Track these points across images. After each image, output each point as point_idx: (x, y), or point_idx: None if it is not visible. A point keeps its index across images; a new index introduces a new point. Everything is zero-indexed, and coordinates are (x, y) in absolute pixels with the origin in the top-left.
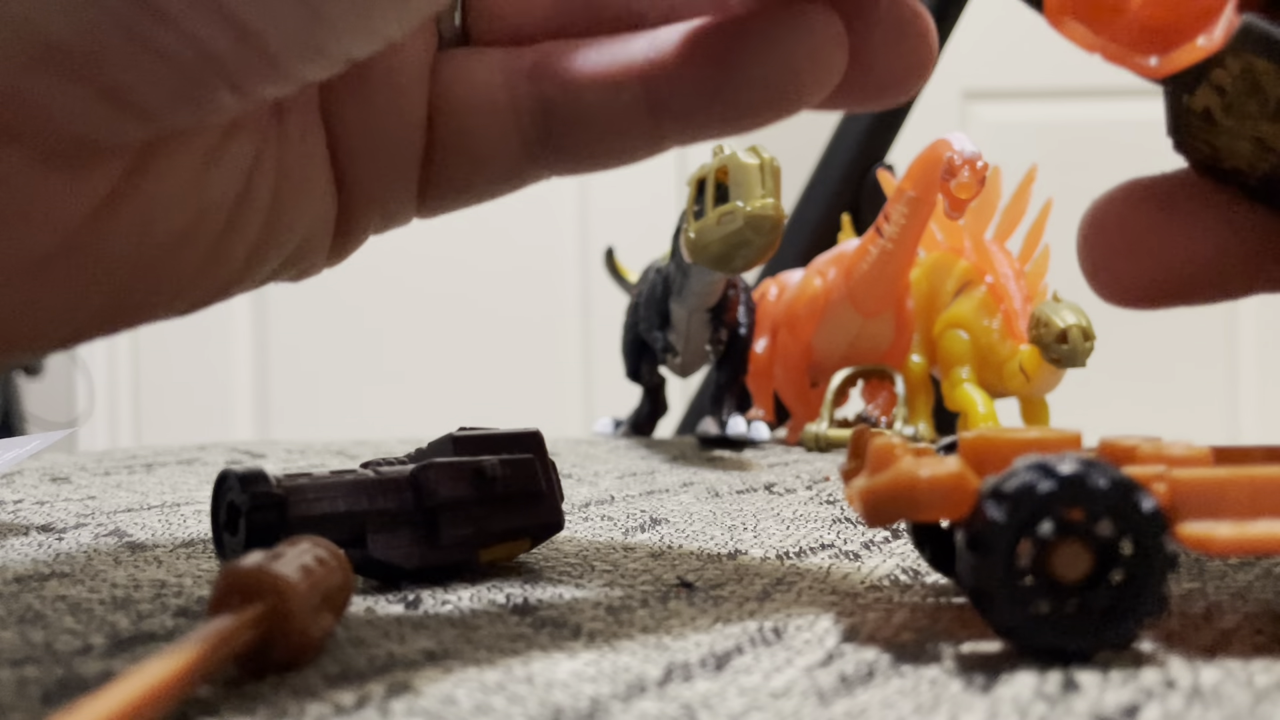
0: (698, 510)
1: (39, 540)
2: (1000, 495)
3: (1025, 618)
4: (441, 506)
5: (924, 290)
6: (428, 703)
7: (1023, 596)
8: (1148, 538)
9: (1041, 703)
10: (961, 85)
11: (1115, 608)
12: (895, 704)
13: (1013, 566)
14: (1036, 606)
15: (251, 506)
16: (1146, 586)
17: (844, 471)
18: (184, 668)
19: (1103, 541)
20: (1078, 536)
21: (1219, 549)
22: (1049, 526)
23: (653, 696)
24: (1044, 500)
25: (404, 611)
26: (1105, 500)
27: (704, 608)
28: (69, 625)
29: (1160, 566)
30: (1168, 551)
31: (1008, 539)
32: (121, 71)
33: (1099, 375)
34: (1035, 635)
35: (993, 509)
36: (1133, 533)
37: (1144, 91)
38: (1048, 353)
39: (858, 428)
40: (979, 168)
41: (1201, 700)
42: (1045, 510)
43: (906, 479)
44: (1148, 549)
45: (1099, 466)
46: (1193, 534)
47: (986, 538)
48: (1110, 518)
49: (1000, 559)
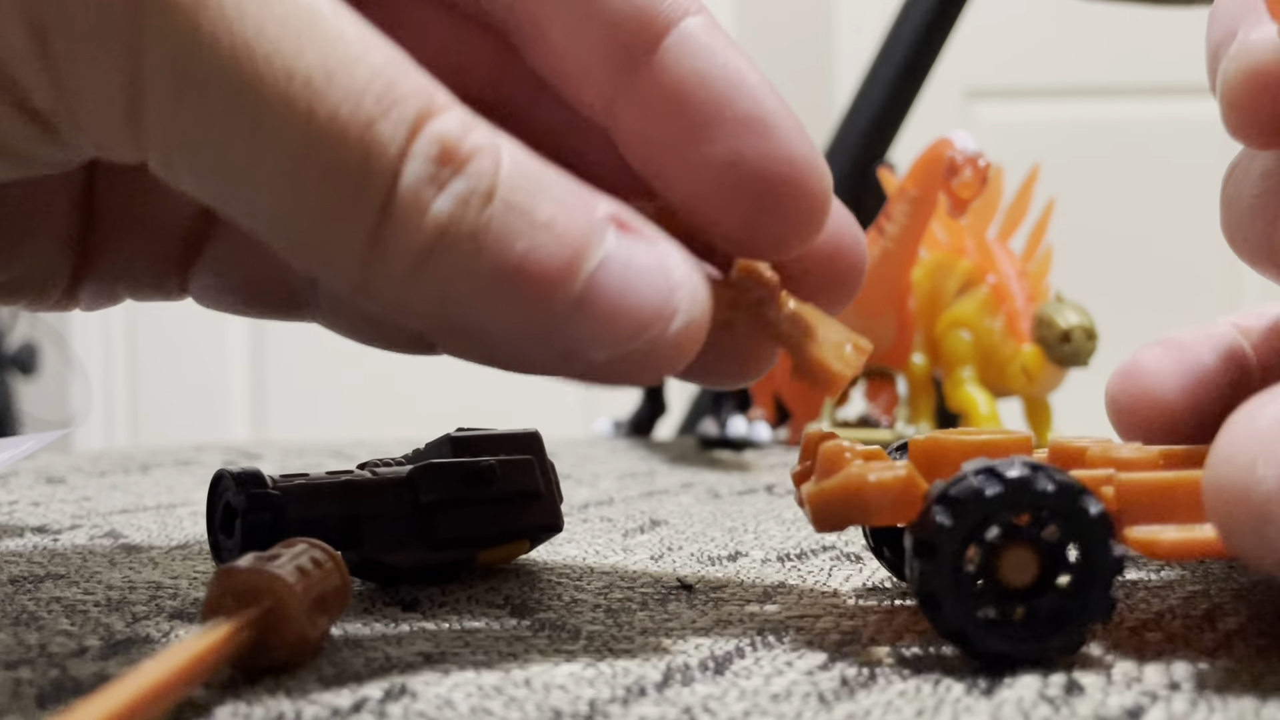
0: (698, 512)
1: (34, 541)
2: (947, 500)
3: (973, 623)
4: (439, 508)
5: (926, 290)
6: (425, 705)
7: (970, 601)
8: (1095, 542)
9: (1044, 705)
10: (964, 84)
11: (1063, 612)
12: (897, 707)
13: (960, 571)
14: (984, 611)
15: (247, 508)
16: (1093, 591)
17: (795, 474)
18: (179, 670)
19: (1050, 546)
20: (1025, 541)
21: (1164, 553)
22: (996, 531)
23: (652, 699)
24: (991, 504)
25: (401, 613)
26: (1052, 504)
27: (704, 610)
28: (64, 627)
29: (1107, 571)
30: (1115, 555)
31: (955, 544)
32: None
33: (1102, 375)
34: (983, 640)
35: (940, 513)
36: (1080, 537)
37: (1146, 91)
38: (1051, 353)
39: (808, 430)
40: (981, 166)
41: (1206, 703)
42: (992, 515)
43: (855, 483)
44: (1095, 553)
45: (1046, 470)
46: (1139, 538)
47: (933, 542)
48: (1057, 522)
49: (947, 564)
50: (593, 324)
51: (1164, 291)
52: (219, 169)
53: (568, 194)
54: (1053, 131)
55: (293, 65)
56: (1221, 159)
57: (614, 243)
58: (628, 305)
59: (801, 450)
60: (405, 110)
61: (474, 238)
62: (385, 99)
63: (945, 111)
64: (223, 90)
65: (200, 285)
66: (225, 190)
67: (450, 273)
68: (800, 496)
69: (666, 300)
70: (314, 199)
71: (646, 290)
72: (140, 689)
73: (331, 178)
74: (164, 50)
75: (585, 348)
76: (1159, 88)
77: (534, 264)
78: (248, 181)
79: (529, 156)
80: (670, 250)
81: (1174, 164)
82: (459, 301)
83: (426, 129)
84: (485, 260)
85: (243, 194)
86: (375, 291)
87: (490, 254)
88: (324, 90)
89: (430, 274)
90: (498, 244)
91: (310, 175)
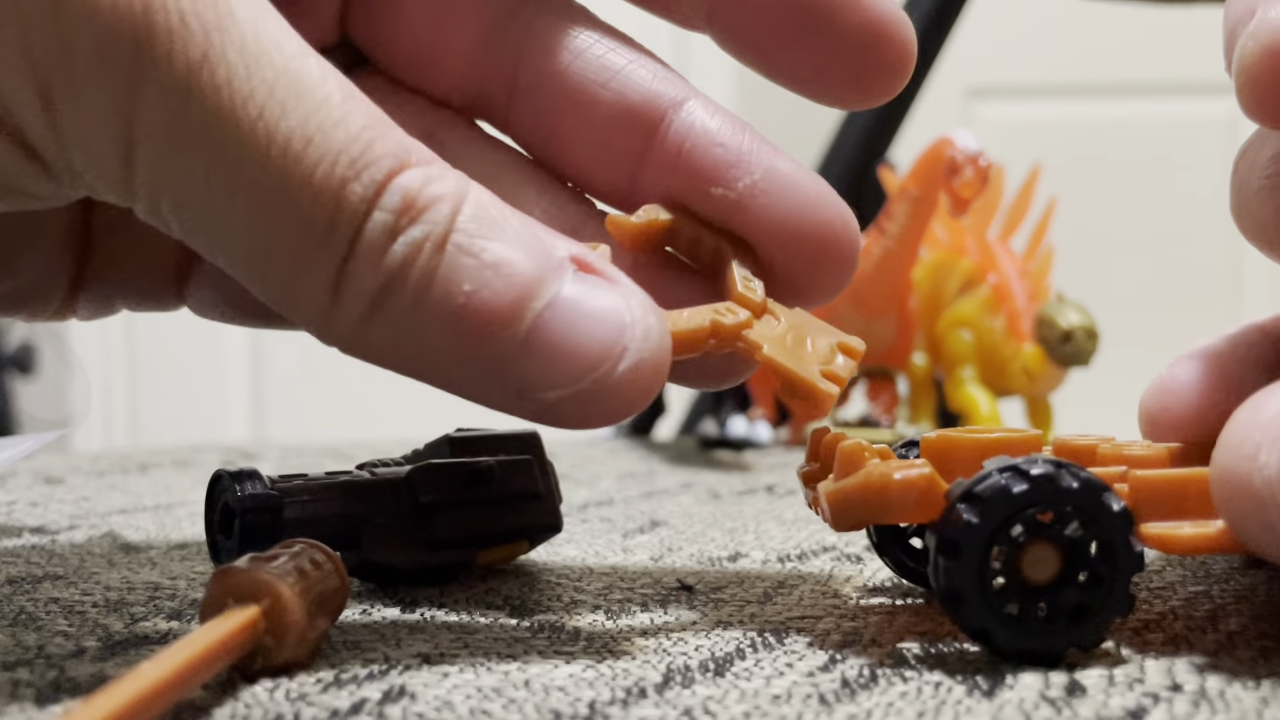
0: (698, 512)
1: (32, 542)
2: (973, 497)
3: (997, 620)
4: (438, 508)
5: (927, 290)
6: (423, 707)
7: (994, 598)
8: (1115, 538)
9: (1046, 707)
10: (964, 83)
11: (1083, 608)
12: (898, 709)
13: (985, 568)
14: (1007, 608)
15: (246, 508)
16: (1114, 586)
17: (803, 474)
18: (178, 671)
19: (1072, 542)
20: (1047, 537)
21: (1180, 548)
22: (1019, 528)
23: (652, 701)
24: (1017, 501)
25: (400, 614)
26: (1075, 501)
27: (704, 611)
28: (62, 627)
29: (1127, 566)
30: (1135, 551)
31: (981, 541)
32: None
33: (1103, 374)
34: (1006, 637)
35: (966, 511)
36: (1101, 533)
37: (1148, 90)
38: (1052, 353)
39: (815, 429)
40: (982, 166)
41: (1207, 704)
42: (1017, 512)
43: (879, 481)
44: (1115, 549)
45: (1069, 468)
46: (1155, 533)
47: (959, 540)
48: (1079, 519)
49: (973, 561)
50: (540, 362)
51: (1165, 291)
52: (200, 217)
53: (525, 236)
54: (1054, 131)
55: (274, 129)
56: (1223, 158)
57: (570, 283)
58: (574, 344)
59: (809, 449)
60: (377, 171)
61: (423, 279)
62: (359, 161)
63: (946, 110)
64: (208, 148)
65: (197, 298)
66: (206, 236)
67: (402, 313)
68: (813, 496)
69: (616, 340)
70: (287, 248)
71: (596, 330)
72: (139, 690)
73: (304, 230)
74: (158, 111)
75: (536, 387)
76: (1160, 87)
77: (479, 304)
78: (227, 229)
79: (493, 202)
80: (631, 292)
81: (1175, 163)
82: (412, 341)
83: (393, 184)
84: (433, 300)
85: (222, 240)
86: (337, 333)
87: (438, 294)
88: (302, 153)
89: (385, 316)
90: (445, 285)
91: (285, 226)
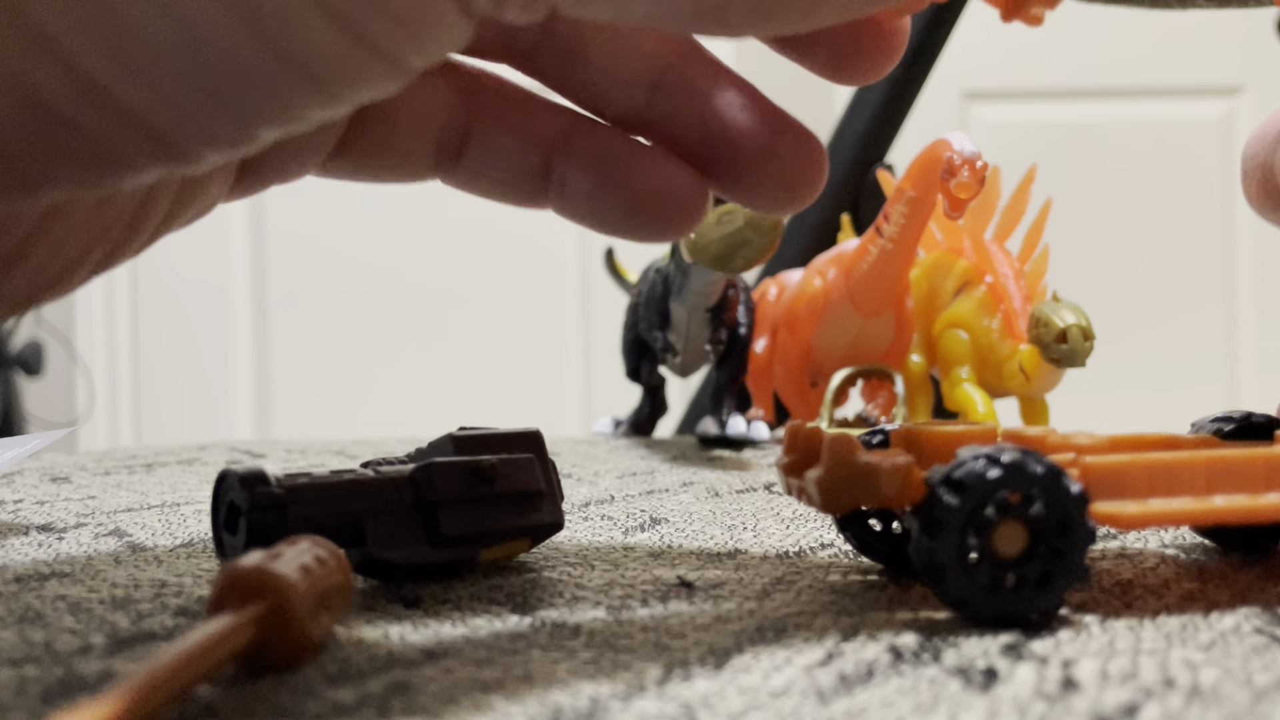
0: (697, 510)
1: (39, 540)
2: (952, 482)
3: (973, 590)
4: (441, 506)
5: (924, 290)
6: (427, 701)
7: (970, 571)
8: (1074, 516)
9: (1041, 702)
10: (961, 85)
11: (1045, 577)
12: (895, 703)
13: (963, 545)
14: (982, 579)
15: (251, 506)
16: (1072, 558)
17: (783, 465)
18: (183, 667)
19: (1036, 520)
20: (1016, 516)
21: (1126, 523)
22: (992, 508)
23: (652, 696)
24: (991, 485)
25: (403, 611)
26: (1040, 484)
27: (703, 607)
28: (69, 625)
29: (1082, 540)
30: (1089, 528)
31: (959, 521)
32: (29, 164)
33: (1099, 374)
34: (982, 604)
35: (947, 494)
36: (1061, 512)
37: (1142, 92)
38: (1047, 352)
39: (791, 423)
40: (979, 167)
41: (1201, 699)
42: (991, 494)
43: (868, 469)
44: (1073, 526)
45: (1033, 455)
46: (1105, 511)
47: (941, 520)
48: (1044, 499)
49: (954, 538)
50: None
51: (1160, 291)
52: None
53: None
54: (1050, 132)
55: None
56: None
57: None
58: None
59: (787, 442)
60: None
61: None
62: None
63: (943, 113)
64: None
65: (337, 168)
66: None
67: None
68: (796, 484)
69: None
70: None
71: None
72: (144, 686)
73: None
74: None
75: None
76: (1155, 89)
77: None
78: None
79: None
80: None
81: (1170, 164)
82: None
83: None
84: None
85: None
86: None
87: None
88: None
89: None
90: None
91: None
